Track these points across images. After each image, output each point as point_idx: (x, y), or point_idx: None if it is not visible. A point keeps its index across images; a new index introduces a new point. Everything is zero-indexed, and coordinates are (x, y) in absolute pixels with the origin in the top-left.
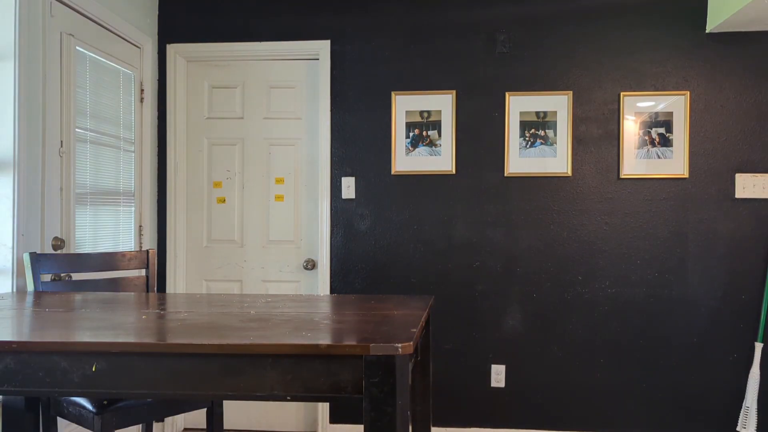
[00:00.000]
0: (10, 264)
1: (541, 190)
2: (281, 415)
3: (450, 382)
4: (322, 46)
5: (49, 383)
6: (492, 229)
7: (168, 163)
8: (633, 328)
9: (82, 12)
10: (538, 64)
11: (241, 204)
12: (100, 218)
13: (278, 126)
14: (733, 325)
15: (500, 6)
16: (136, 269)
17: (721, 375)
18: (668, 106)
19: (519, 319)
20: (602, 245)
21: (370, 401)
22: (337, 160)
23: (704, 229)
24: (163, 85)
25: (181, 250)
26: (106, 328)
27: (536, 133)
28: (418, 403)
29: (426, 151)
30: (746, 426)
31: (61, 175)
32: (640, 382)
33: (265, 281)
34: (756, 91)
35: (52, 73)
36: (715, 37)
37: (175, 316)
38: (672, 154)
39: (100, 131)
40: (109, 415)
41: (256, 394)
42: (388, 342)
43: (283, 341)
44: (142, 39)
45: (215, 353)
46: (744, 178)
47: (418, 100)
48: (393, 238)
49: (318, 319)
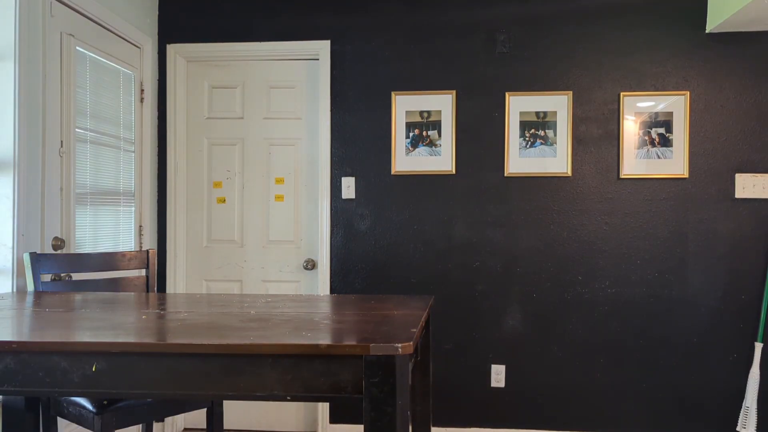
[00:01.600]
0: (10, 264)
1: (541, 190)
2: (281, 415)
3: (450, 382)
4: (322, 46)
5: (49, 383)
6: (492, 229)
7: (168, 163)
8: (633, 328)
9: (82, 12)
10: (538, 64)
11: (241, 204)
12: (100, 218)
13: (278, 126)
14: (733, 325)
15: (500, 6)
16: (136, 269)
17: (721, 375)
18: (668, 106)
19: (519, 319)
20: (602, 245)
21: (370, 401)
22: (337, 160)
23: (704, 229)
24: (163, 85)
25: (181, 250)
26: (106, 328)
27: (536, 133)
28: (418, 403)
29: (426, 151)
30: (746, 426)
31: (61, 175)
32: (640, 382)
33: (265, 281)
34: (756, 91)
35: (52, 73)
36: (715, 37)
37: (175, 316)
38: (672, 154)
39: (100, 131)
40: (109, 415)
41: (256, 394)
42: (388, 342)
43: (283, 341)
44: (142, 39)
45: (215, 353)
46: (744, 178)
47: (418, 100)
48: (393, 238)
49: (318, 319)
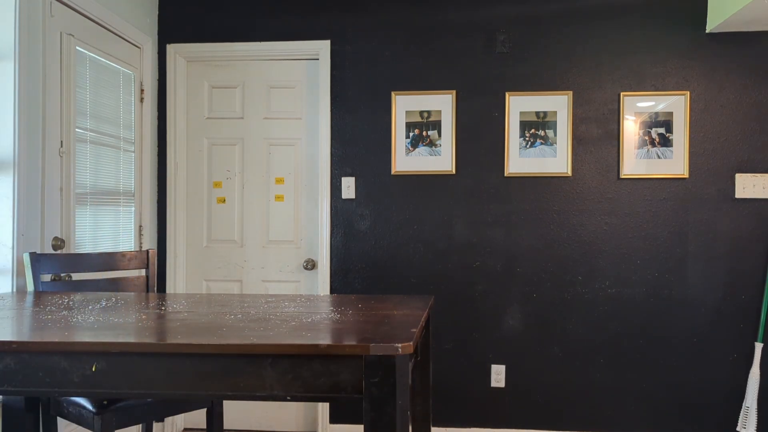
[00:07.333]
0: (10, 264)
1: (541, 190)
2: (281, 415)
3: (450, 382)
4: (322, 46)
5: (49, 383)
6: (492, 229)
7: (168, 163)
8: (633, 328)
9: (82, 12)
10: (538, 64)
11: (241, 204)
12: (100, 218)
13: (278, 126)
14: (733, 325)
15: (500, 6)
16: (136, 269)
17: (721, 375)
18: (668, 106)
19: (519, 319)
20: (602, 245)
21: (370, 401)
22: (337, 160)
23: (704, 229)
24: (163, 85)
25: (181, 250)
26: (106, 328)
27: (536, 133)
28: (418, 403)
29: (426, 151)
30: (746, 426)
31: (61, 175)
32: (640, 382)
33: (265, 281)
34: (756, 91)
35: (52, 73)
36: (715, 37)
37: (175, 316)
38: (672, 154)
39: (100, 131)
40: (109, 415)
41: (256, 394)
42: (388, 342)
43: (283, 341)
44: (142, 39)
45: (215, 353)
46: (744, 178)
47: (418, 100)
48: (393, 238)
49: (318, 319)
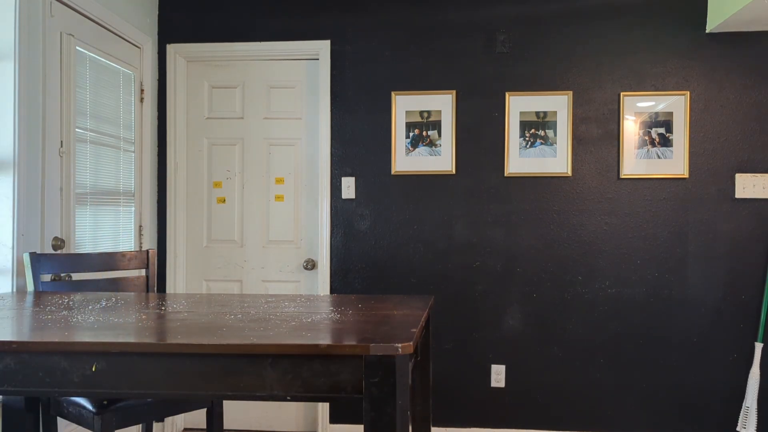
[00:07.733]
0: (10, 264)
1: (541, 190)
2: (281, 415)
3: (450, 382)
4: (322, 46)
5: (49, 383)
6: (492, 229)
7: (168, 163)
8: (633, 328)
9: (82, 12)
10: (538, 64)
11: (241, 204)
12: (100, 218)
13: (278, 126)
14: (733, 325)
15: (500, 6)
16: (136, 269)
17: (721, 375)
18: (668, 106)
19: (519, 319)
20: (602, 245)
21: (370, 401)
22: (337, 160)
23: (704, 229)
24: (163, 85)
25: (181, 250)
26: (106, 328)
27: (536, 133)
28: (418, 403)
29: (426, 151)
30: (746, 426)
31: (61, 175)
32: (640, 382)
33: (265, 281)
34: (756, 91)
35: (52, 73)
36: (715, 37)
37: (175, 316)
38: (672, 154)
39: (100, 131)
40: (109, 415)
41: (256, 394)
42: (388, 342)
43: (283, 341)
44: (142, 39)
45: (215, 353)
46: (744, 178)
47: (418, 100)
48: (393, 238)
49: (318, 319)
